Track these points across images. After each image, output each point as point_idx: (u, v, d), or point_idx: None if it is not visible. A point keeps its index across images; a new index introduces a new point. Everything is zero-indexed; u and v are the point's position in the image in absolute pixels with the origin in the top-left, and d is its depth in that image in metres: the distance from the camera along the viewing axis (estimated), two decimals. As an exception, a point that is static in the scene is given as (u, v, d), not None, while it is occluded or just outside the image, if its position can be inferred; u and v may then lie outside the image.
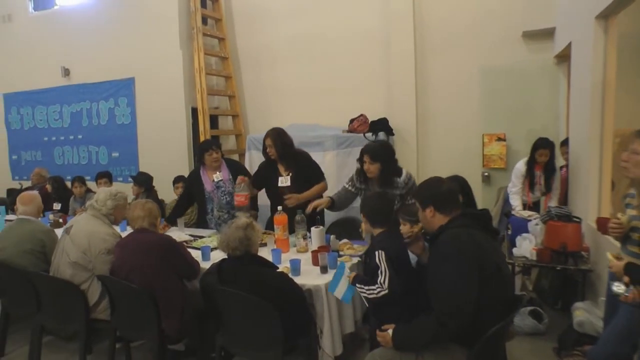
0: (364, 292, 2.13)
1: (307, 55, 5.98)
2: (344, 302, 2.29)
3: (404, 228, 2.33)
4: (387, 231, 2.25)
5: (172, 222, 4.04)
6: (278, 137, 3.53)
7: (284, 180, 3.55)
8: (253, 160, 5.40)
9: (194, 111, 6.14)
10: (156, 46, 6.38)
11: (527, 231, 3.59)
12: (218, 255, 2.69)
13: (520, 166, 4.25)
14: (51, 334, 3.32)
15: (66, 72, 7.29)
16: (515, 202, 4.23)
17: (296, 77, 6.07)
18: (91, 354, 3.14)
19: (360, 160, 3.12)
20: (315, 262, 2.78)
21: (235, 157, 6.30)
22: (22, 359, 3.16)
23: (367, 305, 2.85)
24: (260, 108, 6.46)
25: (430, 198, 2.08)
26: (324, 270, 2.67)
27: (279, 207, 3.20)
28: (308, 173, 3.58)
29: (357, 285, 2.17)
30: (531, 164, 4.19)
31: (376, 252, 2.11)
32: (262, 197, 3.88)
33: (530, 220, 3.69)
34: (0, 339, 3.28)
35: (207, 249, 3.05)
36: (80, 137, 7.41)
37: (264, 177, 3.67)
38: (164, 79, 6.37)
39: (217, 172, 3.84)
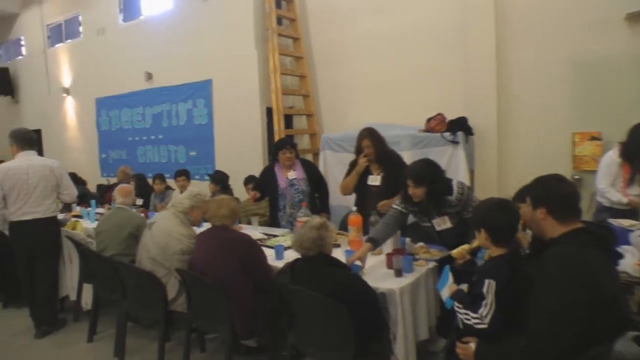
0: (460, 314, 1.92)
1: (381, 53, 5.83)
2: (446, 305, 2.09)
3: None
4: (506, 254, 1.92)
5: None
6: (376, 138, 3.48)
7: (374, 179, 3.50)
8: (327, 160, 5.35)
9: (269, 111, 6.21)
10: (232, 48, 6.57)
11: (627, 243, 3.19)
12: (291, 255, 2.68)
13: (614, 155, 3.68)
14: (133, 320, 3.52)
15: (149, 77, 7.76)
16: (615, 196, 3.65)
17: (371, 75, 5.93)
18: (169, 341, 3.33)
19: (404, 184, 2.83)
20: (389, 265, 2.68)
21: (309, 156, 6.28)
22: (110, 340, 3.44)
23: (440, 313, 2.68)
24: (335, 107, 6.39)
25: (545, 197, 1.80)
26: (398, 273, 2.57)
27: (354, 208, 3.15)
28: (399, 175, 3.42)
29: (455, 303, 1.95)
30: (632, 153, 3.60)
31: (486, 281, 1.83)
32: (337, 198, 3.81)
33: (631, 231, 3.27)
34: (93, 319, 3.64)
35: (281, 248, 3.05)
36: (160, 137, 7.85)
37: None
38: (239, 79, 6.53)
39: (292, 171, 3.87)
